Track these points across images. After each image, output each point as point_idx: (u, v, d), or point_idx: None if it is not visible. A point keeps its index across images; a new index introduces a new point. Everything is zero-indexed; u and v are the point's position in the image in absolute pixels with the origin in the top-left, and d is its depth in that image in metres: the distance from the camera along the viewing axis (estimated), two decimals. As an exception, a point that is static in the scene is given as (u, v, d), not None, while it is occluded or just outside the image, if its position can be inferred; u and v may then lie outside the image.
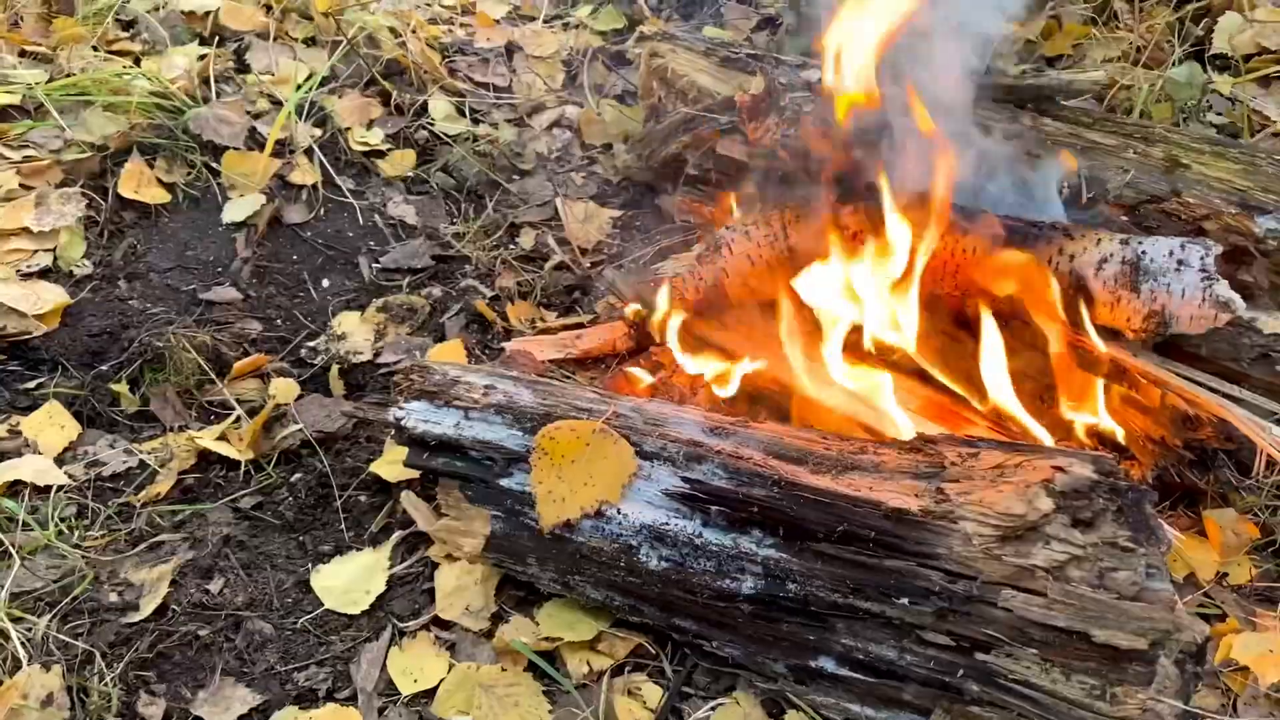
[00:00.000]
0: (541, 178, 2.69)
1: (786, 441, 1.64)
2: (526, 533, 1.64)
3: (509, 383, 1.77)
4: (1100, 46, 3.06)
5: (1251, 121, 2.88)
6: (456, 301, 2.34)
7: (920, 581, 1.42)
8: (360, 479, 1.93)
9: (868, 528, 1.45)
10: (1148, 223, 1.96)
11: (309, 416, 2.06)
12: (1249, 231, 1.90)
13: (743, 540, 1.52)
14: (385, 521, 1.86)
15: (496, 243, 2.49)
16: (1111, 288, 1.75)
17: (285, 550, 1.82)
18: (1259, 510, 1.87)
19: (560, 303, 2.36)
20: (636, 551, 1.57)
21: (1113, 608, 1.34)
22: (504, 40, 3.09)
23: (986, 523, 1.41)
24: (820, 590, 1.47)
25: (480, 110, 2.86)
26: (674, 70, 2.52)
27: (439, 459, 1.71)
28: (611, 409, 1.69)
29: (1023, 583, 1.37)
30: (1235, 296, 1.68)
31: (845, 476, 1.56)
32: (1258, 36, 3.13)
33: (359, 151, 2.68)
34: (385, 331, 2.27)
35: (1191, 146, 2.03)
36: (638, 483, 1.60)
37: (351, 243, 2.50)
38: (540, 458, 1.63)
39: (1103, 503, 1.42)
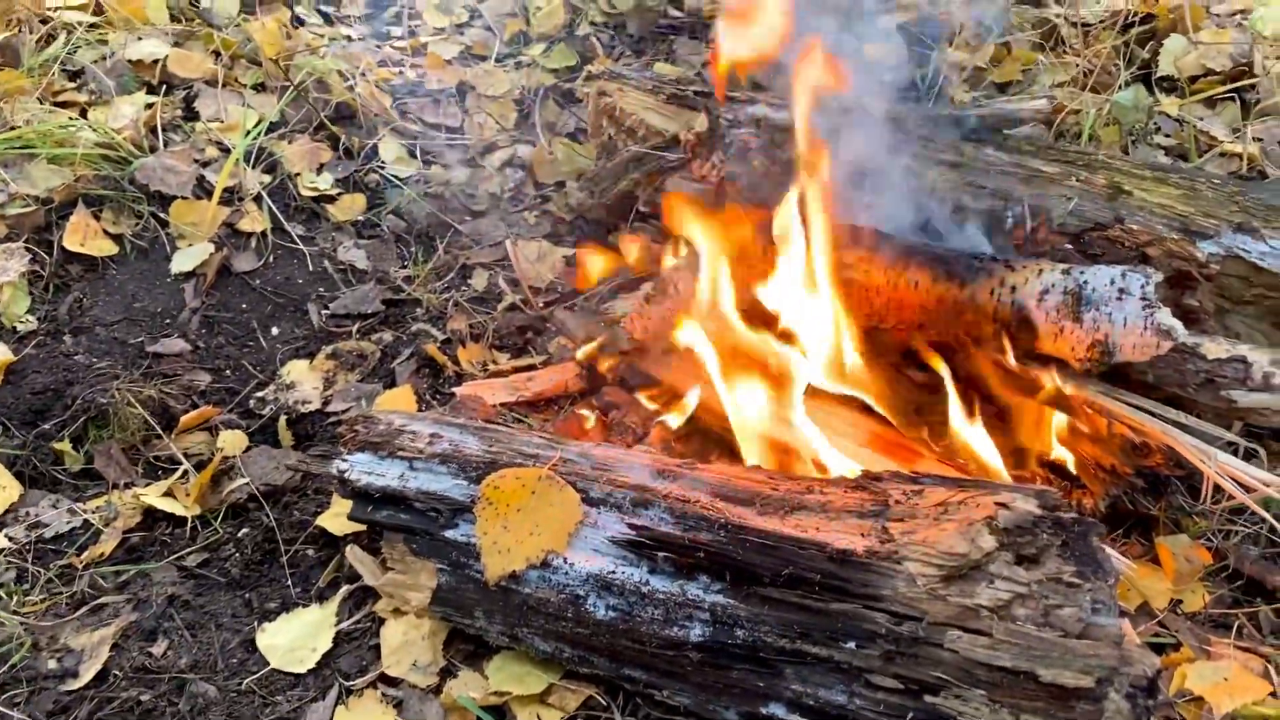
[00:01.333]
0: (494, 218, 2.69)
1: (734, 483, 1.63)
2: (473, 585, 1.62)
3: (455, 430, 1.75)
4: (1049, 72, 3.08)
5: (1198, 142, 2.91)
6: (407, 346, 2.32)
7: (866, 624, 1.40)
8: (308, 532, 1.90)
9: (813, 570, 1.44)
10: (1092, 250, 1.96)
11: (257, 469, 2.03)
12: (1191, 256, 1.90)
13: (690, 587, 1.50)
14: (333, 576, 1.83)
15: (448, 285, 2.48)
16: (1054, 318, 1.75)
17: (231, 608, 1.79)
18: (1212, 535, 1.86)
19: (513, 344, 2.34)
20: (584, 601, 1.55)
21: (1058, 645, 1.32)
22: (455, 80, 3.09)
23: (930, 562, 1.39)
24: (768, 636, 1.45)
25: (432, 152, 2.85)
26: (622, 109, 2.53)
27: (383, 512, 1.69)
28: (558, 455, 1.67)
29: (968, 623, 1.36)
30: (1177, 324, 1.68)
31: (792, 517, 1.55)
32: (1202, 58, 3.17)
33: (309, 197, 2.66)
34: (335, 379, 2.25)
35: (1133, 173, 2.04)
36: (584, 530, 1.58)
37: (301, 289, 2.48)
38: (485, 508, 1.61)
39: (1047, 538, 1.41)
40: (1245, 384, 1.72)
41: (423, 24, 3.41)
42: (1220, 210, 1.94)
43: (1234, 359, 1.73)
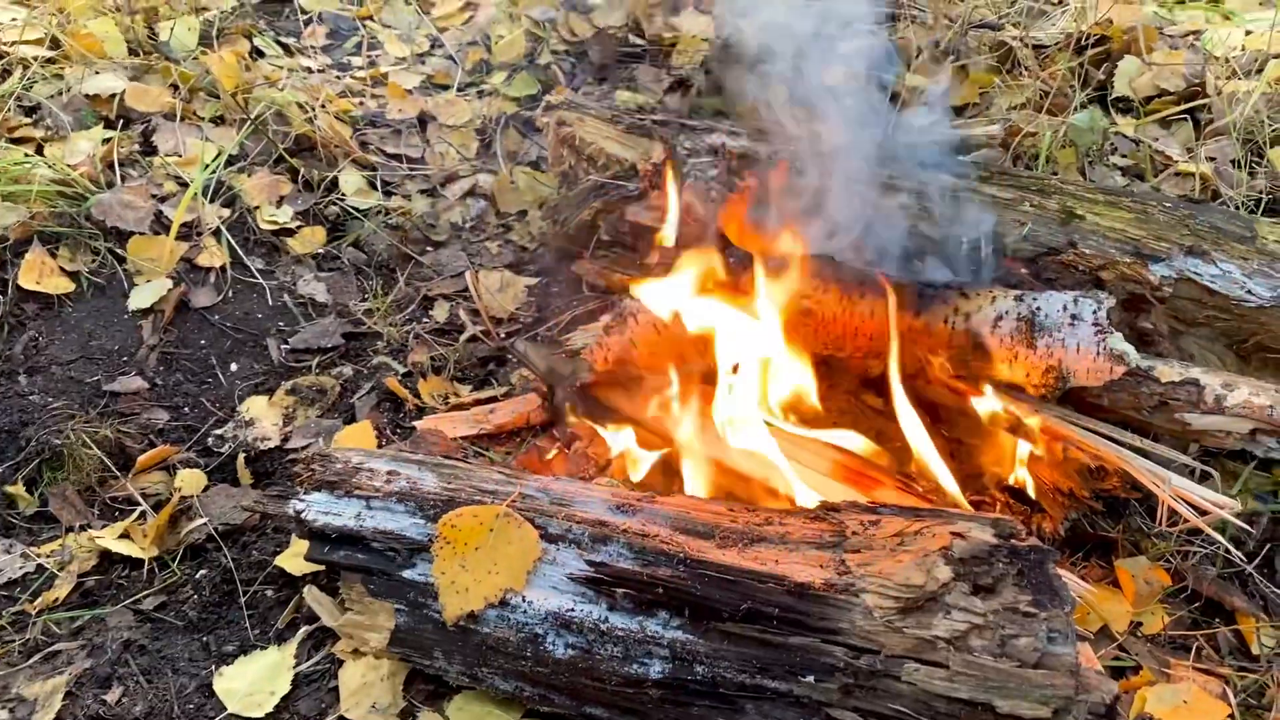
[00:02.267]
0: (456, 248, 2.68)
1: (694, 515, 1.63)
2: (431, 625, 1.60)
3: (413, 467, 1.74)
4: (1005, 94, 3.11)
5: (1154, 162, 2.94)
6: (368, 380, 2.30)
7: (825, 658, 1.40)
8: (267, 572, 1.88)
9: (772, 604, 1.44)
10: (1046, 274, 1.98)
11: (215, 508, 2.01)
12: (1145, 279, 1.92)
13: (649, 623, 1.50)
14: (292, 617, 1.81)
15: (409, 317, 2.47)
16: (1008, 344, 1.76)
17: (188, 652, 1.76)
18: (1170, 556, 1.88)
19: (475, 375, 2.33)
20: (543, 640, 1.54)
21: (1014, 676, 1.33)
22: (416, 110, 3.09)
23: (887, 594, 1.40)
24: (728, 671, 1.45)
25: (392, 182, 2.84)
26: (582, 138, 2.53)
27: (340, 552, 1.67)
28: (517, 490, 1.66)
29: (925, 655, 1.36)
30: (1129, 349, 1.70)
31: (752, 549, 1.54)
32: (1156, 79, 3.21)
33: (268, 230, 2.64)
34: (294, 415, 2.23)
35: (1086, 197, 2.06)
36: (543, 568, 1.57)
37: (261, 324, 2.46)
38: (442, 547, 1.59)
39: (1003, 567, 1.42)
40: (1198, 407, 1.74)
41: (383, 54, 3.41)
42: (1172, 234, 1.96)
43: (1186, 382, 1.75)
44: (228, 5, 3.46)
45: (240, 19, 3.38)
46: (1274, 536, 1.95)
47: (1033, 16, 3.55)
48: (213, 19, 3.28)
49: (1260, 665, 1.72)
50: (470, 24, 3.60)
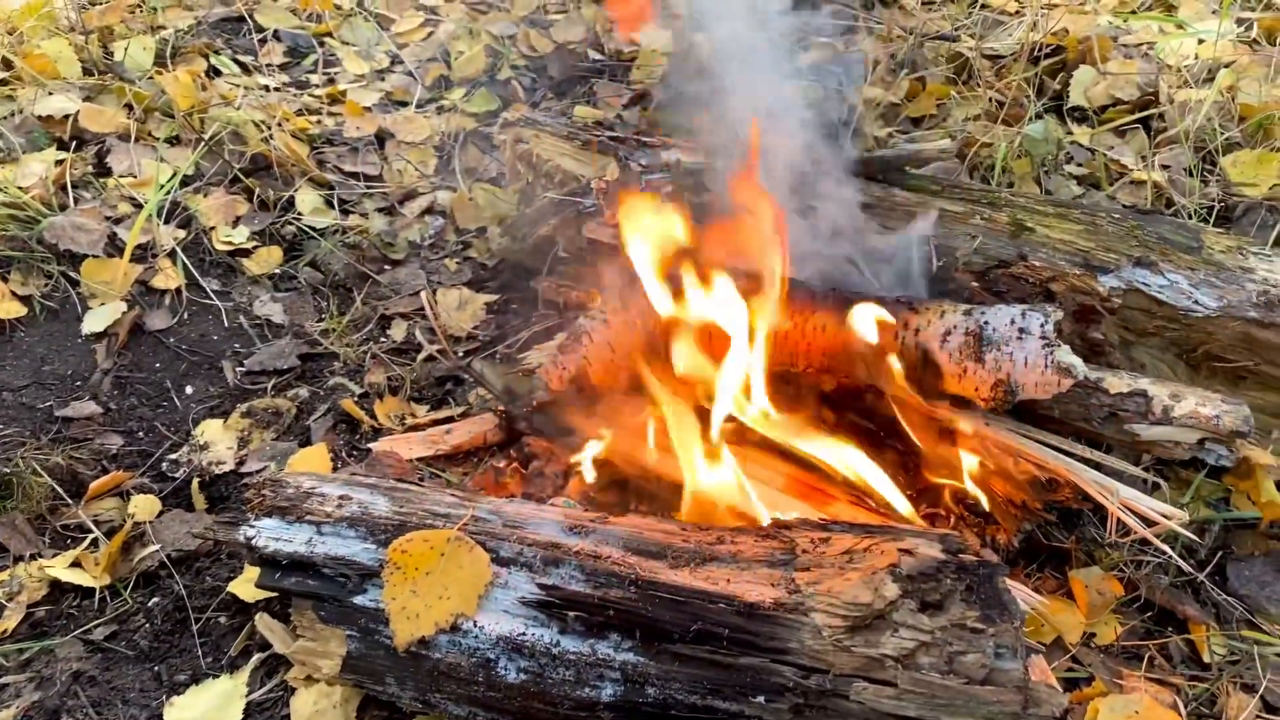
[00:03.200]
0: (414, 266, 2.67)
1: (646, 535, 1.62)
2: (383, 652, 1.59)
3: (365, 491, 1.72)
4: (962, 106, 3.14)
5: (1109, 170, 2.97)
6: (324, 402, 2.29)
7: (775, 678, 1.40)
8: (220, 599, 1.87)
9: (722, 625, 1.43)
10: (997, 288, 1.99)
11: (169, 534, 1.99)
12: (1094, 291, 1.94)
13: (600, 646, 1.49)
14: (245, 644, 1.79)
15: (366, 336, 2.46)
16: (957, 359, 1.77)
17: (139, 683, 1.74)
18: (1124, 566, 1.89)
19: (432, 395, 2.32)
20: (495, 665, 1.53)
21: (962, 693, 1.33)
22: (374, 128, 3.08)
23: (835, 613, 1.40)
24: (679, 693, 1.45)
25: (350, 201, 2.83)
26: (538, 154, 2.53)
27: (291, 579, 1.65)
28: (469, 513, 1.66)
29: (873, 673, 1.36)
30: (1077, 361, 1.71)
31: (704, 569, 1.54)
32: (1110, 88, 3.24)
33: (224, 251, 2.63)
34: (250, 438, 2.21)
35: (1035, 209, 2.08)
36: (494, 592, 1.56)
37: (216, 346, 2.44)
38: (393, 572, 1.58)
39: (951, 583, 1.42)
40: (1146, 417, 1.75)
41: (342, 71, 3.39)
42: (1120, 245, 1.98)
43: (1135, 393, 1.76)
44: (184, 24, 3.44)
45: (196, 38, 3.36)
46: (1226, 544, 1.97)
47: (988, 27, 3.58)
48: (169, 38, 3.27)
49: (1211, 673, 1.73)
50: (430, 40, 3.60)
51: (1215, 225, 2.75)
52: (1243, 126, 3.01)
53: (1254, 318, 1.88)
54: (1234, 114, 3.05)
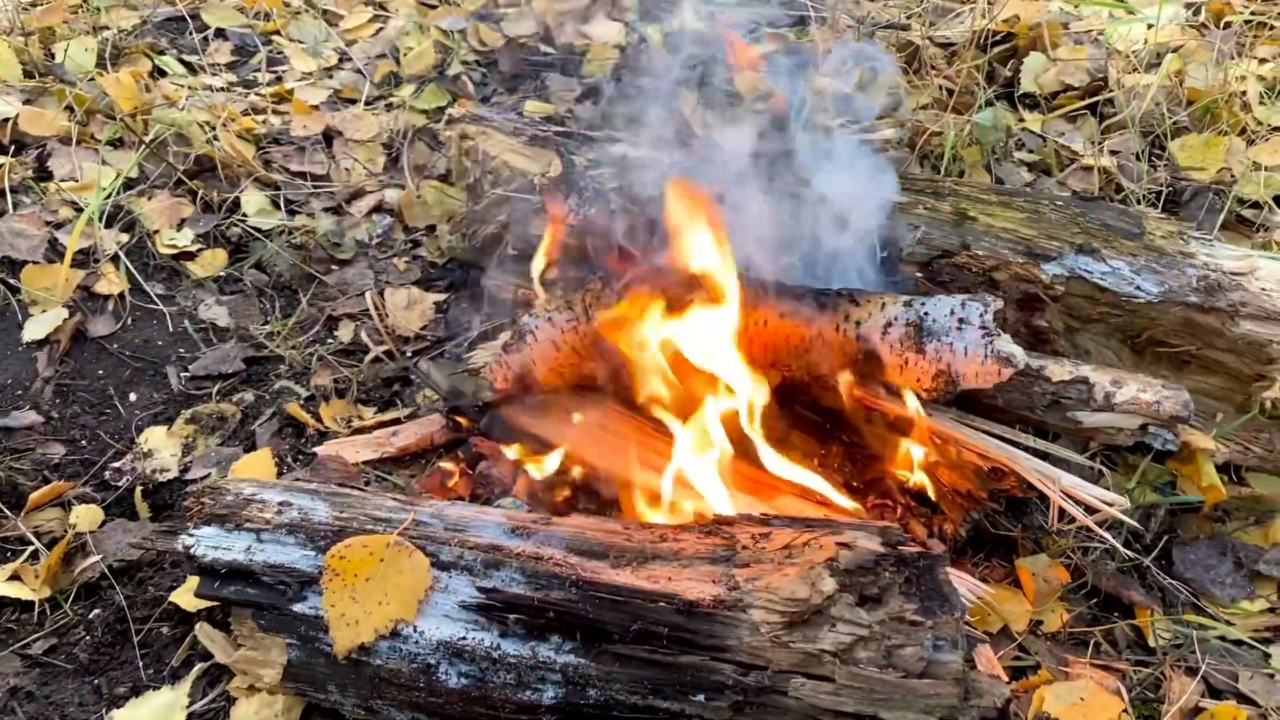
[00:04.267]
0: (362, 266, 2.64)
1: (589, 535, 1.61)
2: (324, 659, 1.57)
3: (306, 497, 1.70)
4: (912, 95, 3.13)
5: (1060, 157, 2.98)
6: (270, 405, 2.26)
7: (714, 676, 1.40)
8: (162, 609, 1.84)
9: (661, 624, 1.43)
10: (941, 278, 1.99)
11: (111, 544, 1.96)
12: (1036, 279, 1.94)
13: (541, 648, 1.48)
14: (187, 654, 1.76)
15: (313, 339, 2.43)
16: (898, 350, 1.76)
17: (78, 697, 1.71)
18: (1071, 553, 1.89)
19: (380, 397, 2.29)
20: (436, 670, 1.51)
21: (899, 687, 1.33)
22: (322, 126, 3.04)
23: (774, 609, 1.39)
24: (620, 694, 1.44)
25: (296, 201, 2.79)
26: (485, 151, 2.50)
27: (230, 587, 1.63)
28: (410, 517, 1.64)
29: (811, 669, 1.36)
30: (1016, 350, 1.71)
31: (646, 568, 1.53)
32: (1061, 75, 3.25)
33: (168, 254, 2.58)
34: (194, 445, 2.18)
35: (979, 198, 2.07)
36: (435, 596, 1.54)
37: (161, 352, 2.40)
38: (331, 579, 1.56)
39: (890, 576, 1.42)
40: (1088, 404, 1.76)
41: (290, 69, 3.35)
42: (1063, 232, 1.98)
43: (1077, 380, 1.77)
44: (128, 25, 3.39)
45: (140, 38, 3.31)
46: (1172, 528, 1.99)
47: (939, 15, 3.59)
48: (112, 39, 3.21)
49: (1157, 658, 1.74)
50: (379, 36, 3.56)
51: (1164, 209, 2.77)
52: (1190, 111, 3.03)
53: (1194, 303, 1.89)
54: (1182, 98, 3.07)
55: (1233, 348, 1.91)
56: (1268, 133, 2.97)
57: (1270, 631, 1.78)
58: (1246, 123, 3.00)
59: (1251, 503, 2.01)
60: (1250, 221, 2.73)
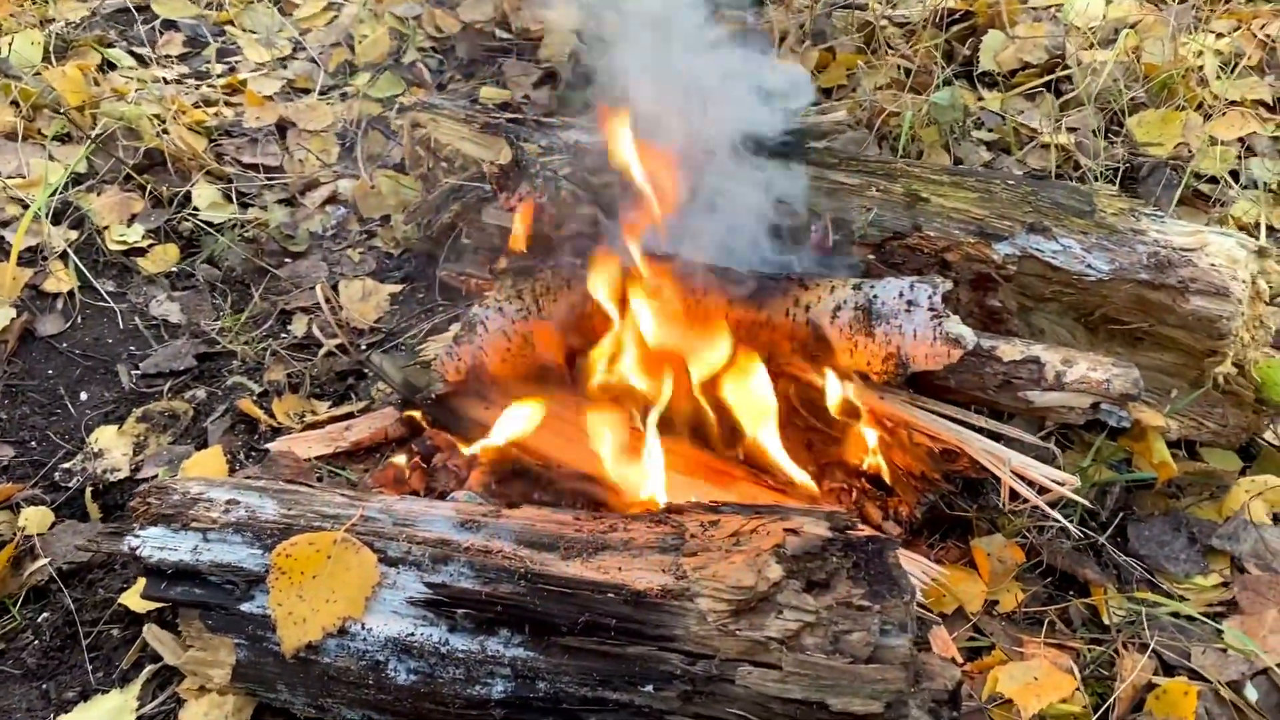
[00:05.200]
0: (316, 258, 2.61)
1: (539, 527, 1.60)
2: (273, 658, 1.55)
3: (254, 495, 1.68)
4: (870, 75, 3.12)
5: (1019, 135, 2.98)
6: (222, 402, 2.23)
7: (663, 666, 1.39)
8: (112, 611, 1.82)
9: (609, 615, 1.42)
10: (893, 260, 1.98)
11: (61, 547, 1.93)
12: (988, 259, 1.93)
13: (490, 642, 1.47)
14: (137, 657, 1.74)
15: (266, 333, 2.40)
16: (848, 334, 1.76)
17: (25, 702, 1.69)
18: (1026, 532, 1.89)
19: (334, 391, 2.27)
20: (385, 667, 1.50)
21: (846, 673, 1.32)
22: (275, 117, 3.00)
23: (720, 597, 1.38)
24: (570, 686, 1.43)
25: (249, 194, 2.75)
26: (437, 139, 2.48)
27: (177, 588, 1.61)
28: (358, 513, 1.62)
29: (758, 657, 1.35)
30: (965, 331, 1.70)
31: (596, 559, 1.52)
32: (1019, 52, 3.25)
33: (118, 251, 2.55)
34: (146, 443, 2.15)
35: (930, 179, 2.06)
36: (383, 593, 1.53)
37: (112, 350, 2.37)
38: (278, 578, 1.55)
39: (837, 561, 1.42)
40: (1039, 384, 1.75)
41: (243, 60, 3.31)
42: (1014, 211, 1.97)
43: (1028, 360, 1.76)
44: (76, 17, 3.33)
45: (89, 31, 3.26)
46: (1128, 505, 1.99)
47: (898, -6, 3.57)
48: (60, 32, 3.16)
49: (1111, 636, 1.74)
50: (334, 25, 3.51)
51: (1122, 186, 2.77)
52: (1148, 86, 3.03)
53: (1145, 279, 1.88)
54: (1139, 74, 3.07)
55: (1184, 324, 1.91)
56: (1224, 107, 2.97)
57: (1223, 606, 1.79)
58: (1203, 97, 3.00)
59: (1205, 478, 2.01)
60: (1207, 196, 2.74)
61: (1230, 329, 1.88)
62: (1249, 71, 3.09)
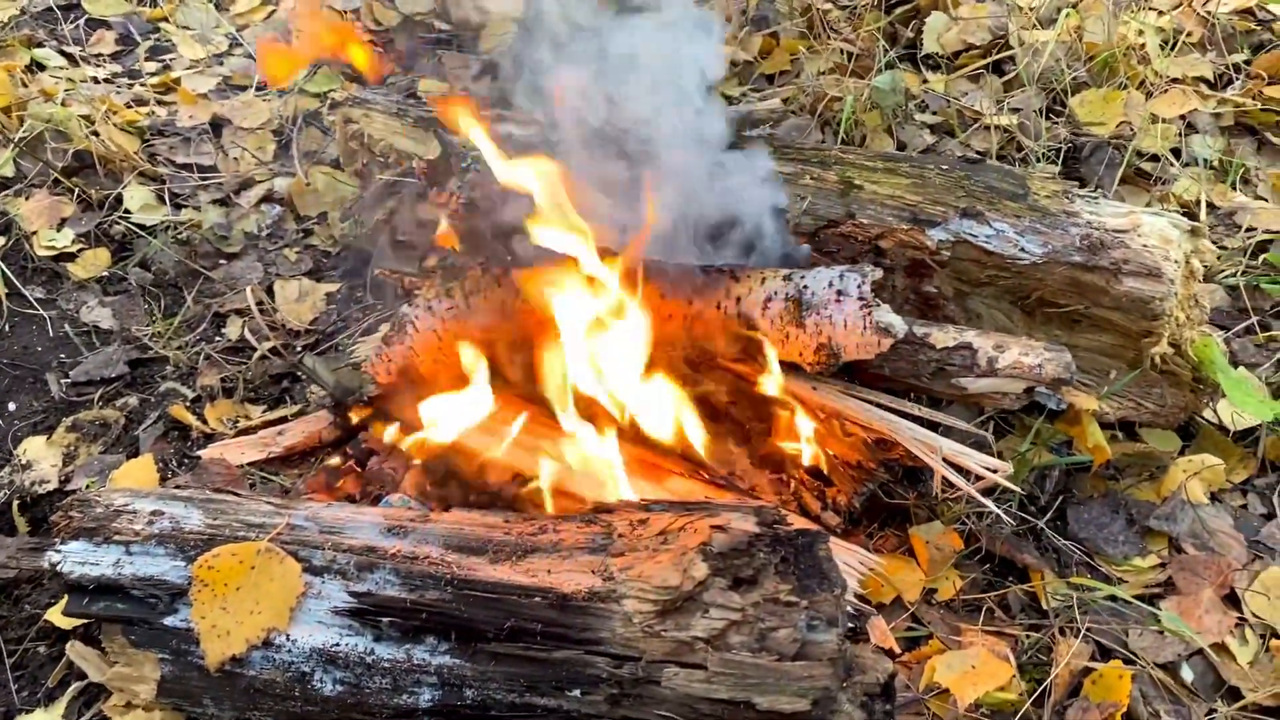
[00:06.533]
0: (251, 259, 2.56)
1: (467, 531, 1.57)
2: (197, 672, 1.52)
3: (179, 505, 1.64)
4: (813, 60, 3.10)
5: (963, 117, 2.96)
6: (155, 409, 2.19)
7: (589, 669, 1.37)
8: (38, 627, 1.78)
9: (535, 620, 1.40)
10: (827, 248, 1.96)
11: (-13, 563, 1.89)
12: (922, 245, 1.92)
13: (416, 651, 1.44)
14: (63, 674, 1.71)
15: (200, 337, 2.35)
16: (779, 325, 1.74)
17: (-52, 724, 1.66)
18: (966, 519, 1.89)
19: (269, 395, 2.23)
20: (310, 678, 1.47)
21: (772, 671, 1.31)
22: (209, 115, 2.94)
23: (646, 598, 1.37)
24: (497, 693, 1.41)
25: (183, 194, 2.70)
26: (370, 135, 2.43)
27: (99, 603, 1.57)
28: (284, 522, 1.59)
29: (684, 657, 1.33)
30: (895, 320, 1.69)
31: (525, 561, 1.50)
32: (962, 34, 3.23)
33: (47, 256, 2.49)
34: (76, 453, 2.10)
35: (865, 165, 2.05)
36: (308, 603, 1.50)
37: (41, 358, 2.32)
38: (200, 590, 1.51)
39: (764, 557, 1.40)
40: (972, 370, 1.74)
41: (178, 57, 3.24)
42: (948, 196, 1.96)
43: (960, 346, 1.75)
44: (4, 16, 3.25)
45: (17, 30, 3.18)
46: (1068, 488, 1.99)
47: (841, -23, 3.54)
48: (-15, 31, 3.09)
49: (1050, 621, 1.74)
50: (272, 19, 3.45)
51: (1064, 166, 2.77)
52: (1089, 65, 3.03)
53: (1078, 262, 1.88)
54: (1080, 53, 3.07)
55: (1118, 305, 1.90)
56: (1166, 84, 2.97)
57: (1160, 587, 1.79)
58: (1145, 75, 3.00)
59: (1144, 459, 2.01)
60: (1149, 175, 2.74)
61: (1164, 309, 1.88)
62: (1190, 48, 3.10)
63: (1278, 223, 2.53)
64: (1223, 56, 3.02)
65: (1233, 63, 3.02)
